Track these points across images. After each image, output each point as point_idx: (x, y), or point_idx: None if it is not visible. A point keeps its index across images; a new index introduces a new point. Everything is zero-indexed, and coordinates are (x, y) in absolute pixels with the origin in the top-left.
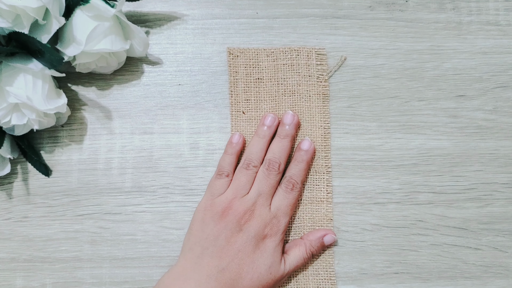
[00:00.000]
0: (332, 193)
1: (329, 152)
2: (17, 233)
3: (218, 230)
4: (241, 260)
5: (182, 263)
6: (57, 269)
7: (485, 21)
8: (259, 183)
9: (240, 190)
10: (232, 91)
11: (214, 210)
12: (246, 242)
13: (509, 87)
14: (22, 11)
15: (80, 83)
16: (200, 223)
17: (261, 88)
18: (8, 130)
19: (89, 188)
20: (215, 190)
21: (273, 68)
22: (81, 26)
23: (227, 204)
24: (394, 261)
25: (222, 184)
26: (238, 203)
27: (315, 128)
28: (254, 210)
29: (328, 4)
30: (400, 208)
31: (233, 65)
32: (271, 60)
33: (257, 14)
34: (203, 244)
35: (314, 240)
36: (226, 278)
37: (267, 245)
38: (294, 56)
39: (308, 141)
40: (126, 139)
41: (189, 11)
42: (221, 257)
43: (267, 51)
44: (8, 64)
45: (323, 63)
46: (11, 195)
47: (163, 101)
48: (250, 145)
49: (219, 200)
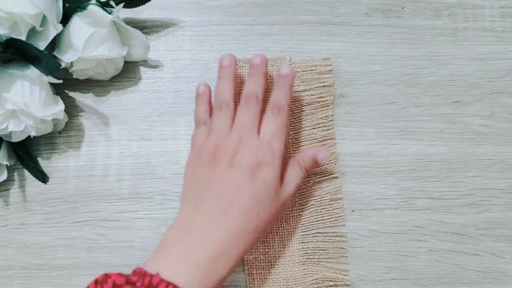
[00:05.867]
0: (341, 193)
1: (336, 159)
2: (14, 240)
3: (209, 174)
4: (242, 197)
5: (181, 216)
6: (54, 276)
7: (481, 27)
8: (240, 117)
9: (220, 130)
10: (236, 102)
11: (201, 158)
12: (241, 176)
13: (505, 93)
14: (19, 18)
15: (78, 89)
16: (191, 175)
17: (266, 98)
18: (5, 136)
19: (86, 194)
20: (197, 140)
21: None
22: (79, 32)
23: (212, 147)
24: (393, 267)
25: (202, 133)
26: (223, 142)
27: (319, 135)
28: (241, 141)
29: (325, 11)
30: (398, 214)
31: (238, 76)
32: (275, 70)
33: (254, 21)
34: (196, 192)
35: (307, 157)
36: (231, 219)
37: (266, 175)
38: (297, 66)
39: (287, 66)
40: (124, 145)
41: (187, 17)
42: (219, 200)
43: (272, 61)
44: (5, 71)
45: (328, 72)
46: (8, 202)
47: (160, 107)
48: (216, 89)
49: (203, 148)
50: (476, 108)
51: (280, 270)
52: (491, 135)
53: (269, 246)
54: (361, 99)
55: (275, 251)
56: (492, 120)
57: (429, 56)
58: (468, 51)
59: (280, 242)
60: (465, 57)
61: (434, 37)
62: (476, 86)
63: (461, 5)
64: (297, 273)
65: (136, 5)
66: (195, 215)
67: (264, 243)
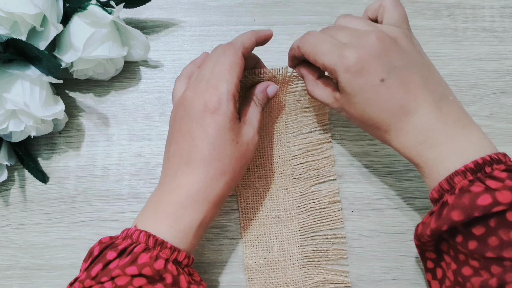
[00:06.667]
0: (339, 196)
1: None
2: (14, 240)
3: (173, 125)
4: (199, 146)
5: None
6: (54, 276)
7: (480, 27)
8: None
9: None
10: None
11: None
12: (194, 125)
13: (505, 93)
14: (19, 18)
15: (78, 89)
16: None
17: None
18: (5, 136)
19: (86, 195)
20: (174, 92)
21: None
22: (79, 32)
23: (180, 98)
24: (392, 267)
25: (180, 85)
26: (186, 92)
27: (316, 138)
28: (190, 88)
29: (324, 11)
30: (397, 214)
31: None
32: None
33: (254, 21)
34: (167, 148)
35: (259, 93)
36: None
37: (217, 119)
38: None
39: None
40: (124, 145)
41: (187, 18)
42: (181, 152)
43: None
44: (6, 71)
45: None
46: (8, 202)
47: (160, 107)
48: None
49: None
50: (476, 108)
51: (280, 274)
52: (491, 135)
53: (269, 250)
54: None
55: (274, 255)
56: (491, 120)
57: (429, 56)
58: (468, 51)
59: (279, 246)
60: (465, 57)
61: (434, 37)
62: (475, 86)
63: (461, 5)
64: (297, 276)
65: (136, 5)
66: (165, 170)
67: (264, 248)
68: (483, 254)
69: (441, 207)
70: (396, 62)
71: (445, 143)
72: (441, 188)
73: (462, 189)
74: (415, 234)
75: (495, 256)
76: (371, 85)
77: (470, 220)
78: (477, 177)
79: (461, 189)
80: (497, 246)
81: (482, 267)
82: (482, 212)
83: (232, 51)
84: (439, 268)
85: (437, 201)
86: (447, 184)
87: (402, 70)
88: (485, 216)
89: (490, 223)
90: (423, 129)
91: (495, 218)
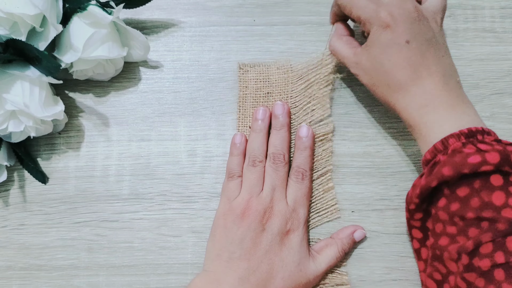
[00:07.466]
0: (336, 198)
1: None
2: (14, 241)
3: (242, 232)
4: (270, 260)
5: (212, 268)
6: (53, 277)
7: (481, 28)
8: (270, 178)
9: (253, 188)
10: (240, 106)
11: (234, 214)
12: (271, 241)
13: (505, 94)
14: (19, 18)
15: (77, 90)
16: (223, 229)
17: (270, 103)
18: (5, 137)
19: (86, 195)
20: (229, 193)
21: (283, 81)
22: (78, 33)
23: (245, 205)
24: (393, 268)
25: (235, 185)
26: (256, 202)
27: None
28: (273, 207)
29: (325, 11)
30: (398, 214)
31: (243, 80)
32: (281, 73)
33: (254, 22)
34: (229, 249)
35: (345, 237)
36: (259, 280)
37: (292, 240)
38: (304, 68)
39: (306, 127)
40: (124, 146)
41: (187, 18)
42: (249, 259)
43: (277, 63)
44: (5, 71)
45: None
46: (8, 203)
47: (160, 108)
48: (250, 142)
49: (236, 203)
50: (477, 108)
51: None
52: None
53: None
54: (361, 99)
55: None
56: (492, 120)
57: None
58: (468, 51)
59: None
60: (465, 57)
61: None
62: (476, 86)
63: (461, 6)
64: None
65: (136, 5)
66: (227, 270)
67: None
68: (463, 215)
69: (433, 166)
70: (422, 33)
71: (445, 109)
72: (435, 149)
73: (455, 150)
74: (406, 201)
75: (474, 216)
76: (397, 42)
77: (458, 176)
78: (470, 141)
79: (454, 150)
80: (478, 207)
81: (460, 232)
82: (470, 169)
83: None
84: (424, 248)
85: (428, 162)
86: (441, 145)
87: (425, 42)
88: (471, 175)
89: (475, 184)
90: (429, 94)
91: (480, 180)
